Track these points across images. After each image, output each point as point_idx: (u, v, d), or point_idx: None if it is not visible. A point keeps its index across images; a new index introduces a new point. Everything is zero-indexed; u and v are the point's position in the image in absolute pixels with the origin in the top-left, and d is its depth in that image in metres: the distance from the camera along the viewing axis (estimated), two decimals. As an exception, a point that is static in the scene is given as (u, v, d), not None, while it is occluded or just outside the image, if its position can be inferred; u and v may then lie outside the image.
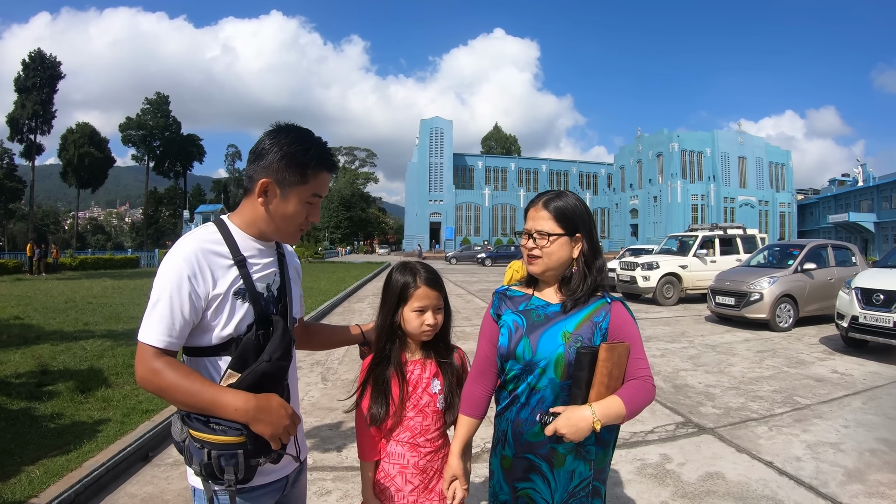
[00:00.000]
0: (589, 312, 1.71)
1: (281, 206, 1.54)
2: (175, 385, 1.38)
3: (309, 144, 1.55)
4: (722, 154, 68.90)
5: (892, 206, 58.89)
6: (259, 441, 1.42)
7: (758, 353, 8.44)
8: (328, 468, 4.06)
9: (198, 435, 1.38)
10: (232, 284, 1.50)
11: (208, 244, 1.50)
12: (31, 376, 5.85)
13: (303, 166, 1.52)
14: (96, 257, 35.40)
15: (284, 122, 1.61)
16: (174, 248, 1.48)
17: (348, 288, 17.70)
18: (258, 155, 1.53)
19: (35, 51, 60.61)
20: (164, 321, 1.41)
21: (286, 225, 1.58)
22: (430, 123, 79.43)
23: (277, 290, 1.63)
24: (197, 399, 1.38)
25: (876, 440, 4.66)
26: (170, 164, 79.97)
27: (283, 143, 1.51)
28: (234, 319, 1.50)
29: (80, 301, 13.28)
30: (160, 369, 1.39)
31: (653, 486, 3.78)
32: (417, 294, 1.84)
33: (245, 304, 1.52)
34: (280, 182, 1.51)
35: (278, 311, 1.61)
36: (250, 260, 1.56)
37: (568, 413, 1.57)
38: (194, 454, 1.38)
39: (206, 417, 1.39)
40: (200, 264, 1.45)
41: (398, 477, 1.86)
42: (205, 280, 1.46)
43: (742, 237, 16.34)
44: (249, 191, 1.56)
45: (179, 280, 1.42)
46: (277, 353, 1.50)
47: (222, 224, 1.57)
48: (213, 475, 1.38)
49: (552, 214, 1.73)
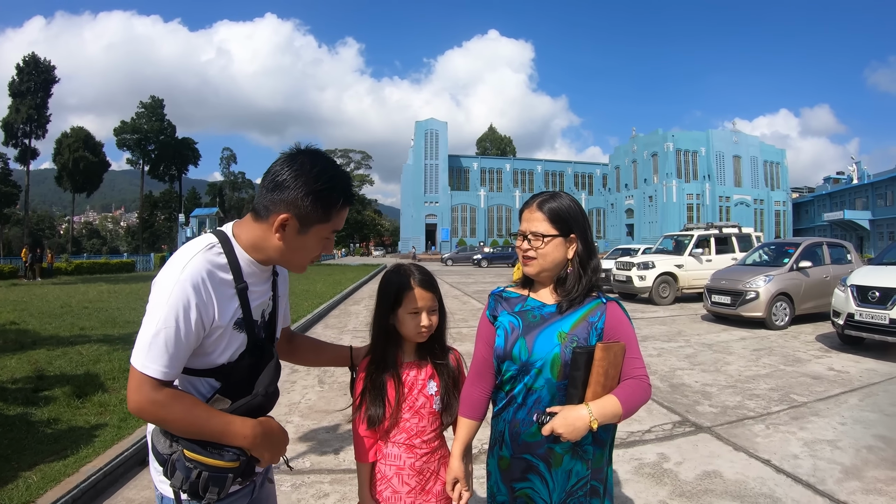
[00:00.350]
0: (584, 313, 1.72)
1: (298, 241, 1.48)
2: (181, 418, 1.35)
3: (335, 182, 1.47)
4: (717, 153, 69.00)
5: (886, 203, 59.10)
6: (249, 463, 1.43)
7: (754, 352, 8.46)
8: (326, 471, 4.05)
9: (192, 456, 1.36)
10: (234, 316, 1.47)
11: (216, 270, 1.43)
12: (27, 381, 5.82)
13: (329, 205, 1.46)
14: (92, 262, 35.30)
15: (304, 148, 1.54)
16: (180, 267, 1.39)
17: (344, 290, 17.69)
18: (278, 185, 1.44)
19: (29, 55, 60.50)
20: (166, 352, 1.33)
21: (299, 258, 1.54)
22: (424, 125, 79.43)
23: (268, 314, 1.62)
24: (204, 429, 1.36)
25: (873, 437, 4.67)
26: (165, 168, 79.68)
27: (308, 179, 1.43)
28: (231, 349, 1.48)
29: (76, 306, 13.23)
30: (164, 402, 1.33)
31: (650, 486, 3.78)
32: (412, 296, 1.83)
33: (241, 334, 1.50)
34: (302, 218, 1.44)
35: (266, 335, 1.60)
36: (251, 287, 1.51)
37: (565, 413, 1.58)
38: (180, 470, 1.36)
39: (204, 441, 1.38)
40: (208, 293, 1.39)
41: (394, 478, 1.86)
42: (211, 310, 1.40)
43: (737, 236, 16.38)
44: (262, 219, 1.47)
45: (187, 308, 1.35)
46: (272, 386, 1.52)
47: (227, 244, 1.49)
48: (195, 493, 1.36)
49: (546, 216, 1.74)
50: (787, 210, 72.49)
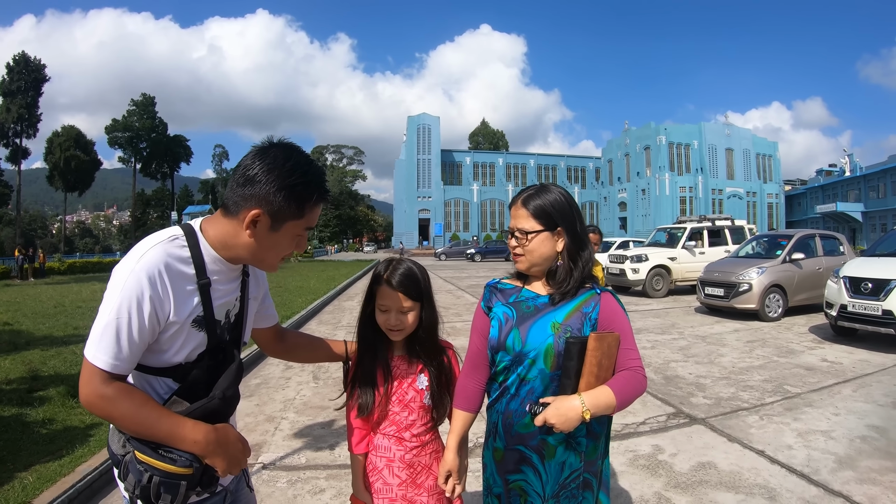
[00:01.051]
0: (578, 303, 1.72)
1: (270, 239, 1.43)
2: (129, 415, 1.29)
3: (309, 177, 1.41)
4: (709, 146, 68.97)
5: (879, 195, 59.38)
6: (206, 472, 1.36)
7: (748, 344, 8.50)
8: (321, 466, 4.05)
9: (143, 458, 1.29)
10: (192, 312, 1.40)
11: (175, 263, 1.36)
12: (21, 382, 5.80)
13: (302, 201, 1.41)
14: (85, 261, 35.05)
15: (277, 141, 1.47)
16: (137, 256, 1.32)
17: (338, 286, 17.71)
18: (249, 180, 1.37)
19: (19, 54, 60.09)
20: (117, 344, 1.27)
21: (271, 257, 1.48)
22: (417, 120, 79.18)
23: (235, 316, 1.55)
24: (153, 430, 1.30)
25: (867, 427, 4.71)
26: (157, 166, 79.38)
27: (281, 174, 1.37)
28: (188, 348, 1.41)
29: (70, 305, 13.18)
30: (112, 397, 1.27)
31: (645, 477, 3.80)
32: (381, 292, 1.83)
33: (201, 333, 1.43)
34: (274, 215, 1.38)
35: (231, 338, 1.53)
36: (215, 284, 1.44)
37: (557, 403, 1.57)
38: (132, 473, 1.30)
39: (156, 445, 1.31)
40: (164, 286, 1.32)
41: (385, 470, 1.87)
42: (166, 304, 1.33)
43: (730, 228, 16.45)
44: (233, 215, 1.41)
45: (140, 300, 1.28)
46: (230, 390, 1.46)
47: (193, 237, 1.42)
48: (146, 499, 1.29)
49: (530, 212, 1.74)
50: (779, 202, 72.59)
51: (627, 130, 75.71)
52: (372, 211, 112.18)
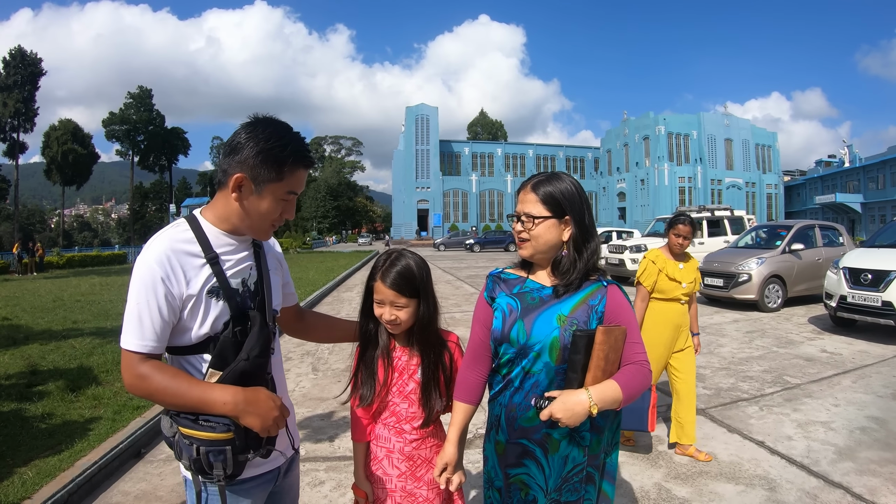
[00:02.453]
0: (585, 296, 1.70)
1: (255, 203, 1.51)
2: (163, 388, 1.39)
3: (286, 140, 1.50)
4: (708, 136, 68.86)
5: (878, 186, 59.39)
6: (248, 436, 1.42)
7: (747, 334, 8.51)
8: (321, 458, 4.05)
9: (187, 432, 1.38)
10: (205, 283, 1.48)
11: (179, 244, 1.47)
12: (20, 377, 5.79)
13: (279, 163, 1.48)
14: (83, 255, 35.09)
15: (262, 115, 1.57)
16: (145, 249, 1.46)
17: (337, 277, 17.71)
18: (233, 149, 1.49)
19: (15, 48, 59.87)
20: (142, 326, 1.40)
21: (259, 221, 1.55)
22: (415, 110, 78.91)
23: (254, 284, 1.61)
24: (186, 399, 1.39)
25: (866, 418, 4.71)
26: (155, 159, 79.27)
27: (259, 138, 1.47)
28: (210, 318, 1.48)
29: (68, 299, 13.15)
30: (147, 374, 1.39)
31: (645, 468, 3.81)
32: (376, 287, 1.83)
33: (220, 302, 1.50)
34: (255, 178, 1.48)
35: (255, 306, 1.59)
36: (223, 256, 1.53)
37: (564, 397, 1.55)
38: (184, 450, 1.39)
39: (195, 415, 1.40)
40: (173, 265, 1.43)
41: (385, 460, 1.87)
42: (178, 281, 1.43)
43: (729, 219, 16.46)
44: (223, 184, 1.51)
45: (153, 283, 1.40)
46: (255, 350, 1.49)
47: (194, 220, 1.54)
48: (202, 470, 1.39)
49: (539, 197, 1.71)
50: (778, 193, 72.58)
51: (626, 120, 75.58)
52: (370, 202, 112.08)
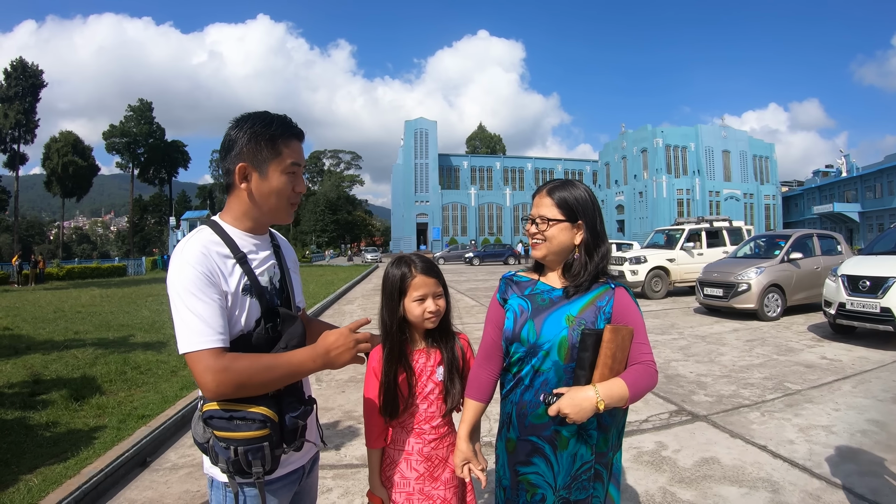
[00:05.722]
0: (593, 297, 1.75)
1: (264, 185, 1.55)
2: (251, 370, 1.38)
3: (270, 119, 1.57)
4: (706, 148, 68.99)
5: (875, 195, 59.50)
6: (283, 430, 1.46)
7: (747, 343, 8.53)
8: (327, 466, 4.07)
9: (222, 434, 1.40)
10: (240, 281, 1.51)
11: (210, 244, 1.49)
12: (23, 386, 5.81)
13: (272, 140, 1.54)
14: (83, 266, 35.07)
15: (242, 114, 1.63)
16: (178, 255, 1.46)
17: (337, 291, 17.68)
18: (228, 147, 1.55)
19: (17, 59, 59.94)
20: (205, 323, 1.39)
21: (277, 201, 1.58)
22: (414, 124, 79.13)
23: (279, 281, 1.66)
24: (277, 371, 1.42)
25: (867, 422, 4.74)
26: (154, 172, 79.16)
27: (246, 128, 1.53)
28: (244, 316, 1.51)
29: (69, 310, 13.18)
30: (227, 365, 1.37)
31: (650, 473, 3.82)
32: (415, 283, 1.86)
33: (252, 300, 1.53)
34: (256, 162, 1.53)
35: (282, 302, 1.64)
36: (249, 256, 1.57)
37: (572, 394, 1.60)
38: (220, 453, 1.41)
39: (229, 415, 1.40)
40: (210, 263, 1.45)
41: (403, 464, 1.88)
42: (220, 279, 1.46)
43: (728, 229, 16.49)
44: (231, 184, 1.56)
45: (198, 280, 1.41)
46: (294, 340, 1.54)
47: (216, 225, 1.57)
48: (241, 471, 1.41)
49: (554, 201, 1.79)
50: (776, 204, 72.64)
51: (624, 133, 75.72)
52: (369, 216, 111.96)
